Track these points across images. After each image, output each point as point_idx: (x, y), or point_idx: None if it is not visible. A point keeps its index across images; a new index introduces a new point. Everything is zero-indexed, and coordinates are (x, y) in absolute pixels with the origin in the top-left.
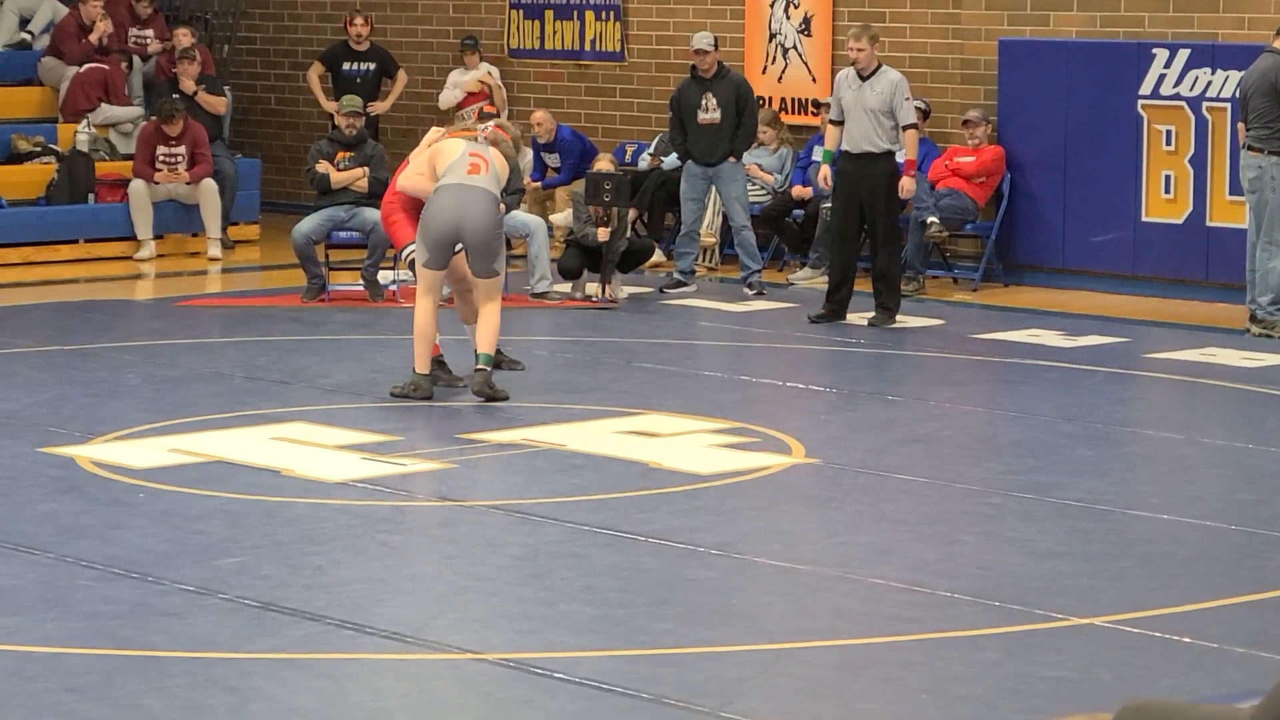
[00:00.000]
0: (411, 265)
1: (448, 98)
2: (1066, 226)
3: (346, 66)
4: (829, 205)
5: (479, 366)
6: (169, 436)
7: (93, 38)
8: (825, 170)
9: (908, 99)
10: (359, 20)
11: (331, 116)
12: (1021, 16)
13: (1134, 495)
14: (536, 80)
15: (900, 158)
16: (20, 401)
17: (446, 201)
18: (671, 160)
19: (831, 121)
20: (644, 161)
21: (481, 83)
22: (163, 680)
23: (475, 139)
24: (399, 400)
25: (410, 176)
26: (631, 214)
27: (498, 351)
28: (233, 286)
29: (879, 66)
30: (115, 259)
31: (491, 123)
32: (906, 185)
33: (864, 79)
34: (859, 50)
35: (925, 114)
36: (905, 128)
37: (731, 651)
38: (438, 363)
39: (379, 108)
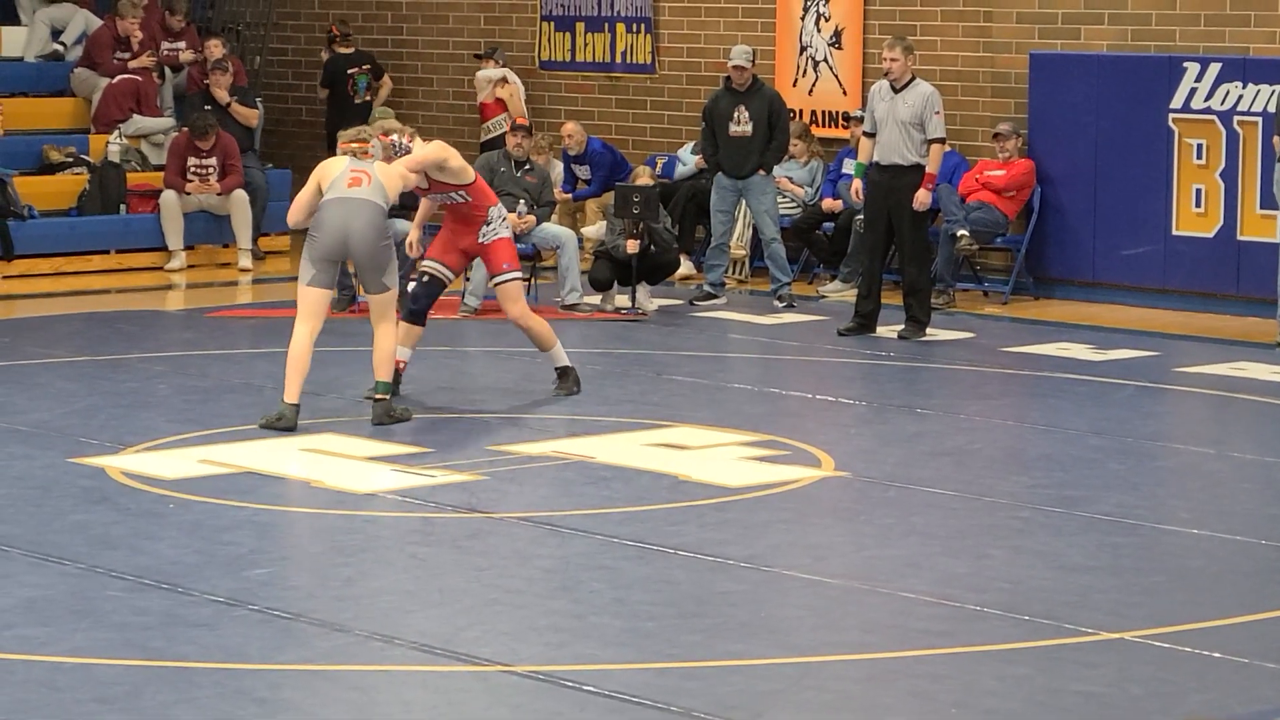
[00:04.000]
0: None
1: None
2: (1097, 240)
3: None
4: (863, 218)
5: (377, 395)
6: (199, 447)
7: (133, 65)
8: (857, 184)
9: (938, 112)
10: (334, 30)
11: (326, 128)
12: (1052, 30)
13: (1164, 509)
14: (567, 92)
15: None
16: (51, 412)
17: (330, 215)
18: None
19: (865, 134)
20: (691, 162)
21: (502, 84)
22: (192, 691)
23: (361, 154)
24: (267, 431)
25: (296, 202)
26: (632, 245)
27: (392, 404)
28: (263, 298)
29: (912, 78)
30: (146, 270)
31: (382, 134)
32: (921, 198)
33: (896, 91)
34: (893, 61)
35: None
36: (931, 141)
37: (760, 665)
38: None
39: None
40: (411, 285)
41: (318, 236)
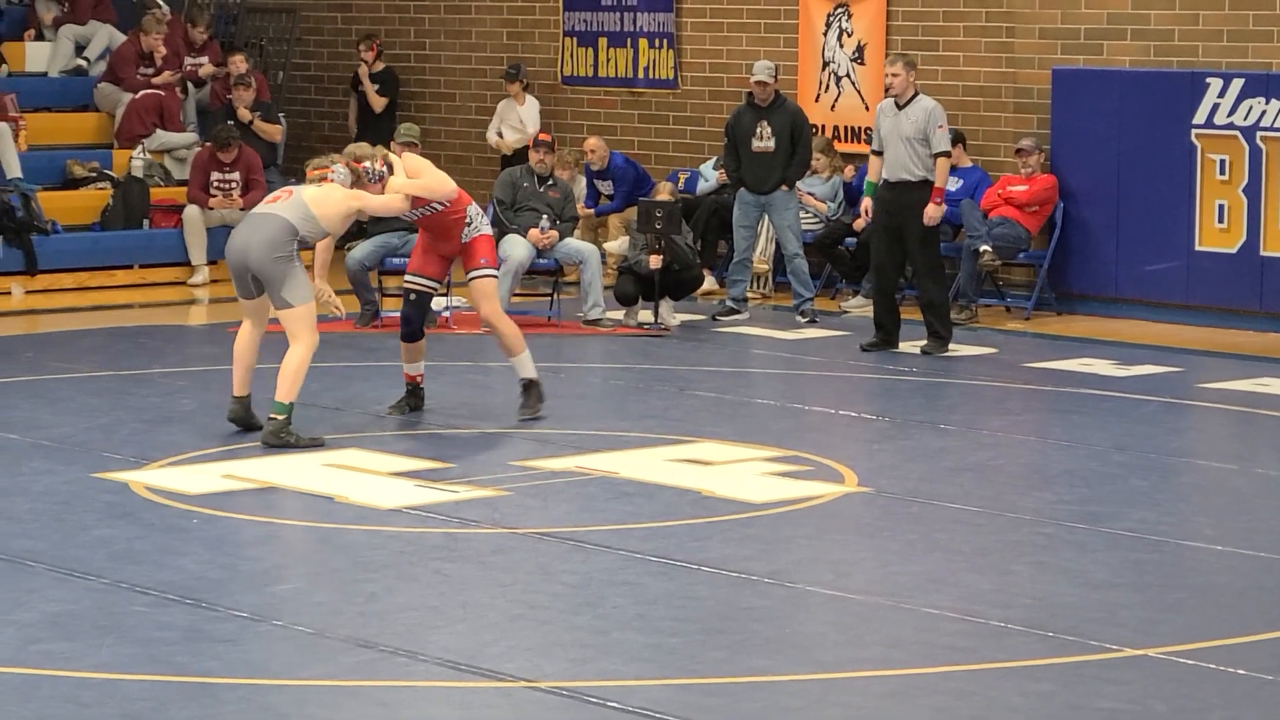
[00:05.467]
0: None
1: (494, 139)
2: (1119, 255)
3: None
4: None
5: (271, 414)
6: (222, 462)
7: (156, 81)
8: (867, 202)
9: (941, 126)
10: (361, 47)
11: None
12: (1075, 45)
13: (1188, 526)
14: (590, 107)
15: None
16: (74, 427)
17: (237, 230)
18: None
19: (873, 152)
20: (712, 177)
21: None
22: (217, 706)
23: (320, 180)
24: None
25: None
26: (655, 261)
27: (286, 425)
28: None
29: (915, 94)
30: (169, 284)
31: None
32: (931, 213)
33: (900, 107)
34: (894, 76)
35: (954, 143)
36: (936, 155)
37: (784, 681)
38: (411, 391)
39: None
40: (401, 308)
41: (227, 251)
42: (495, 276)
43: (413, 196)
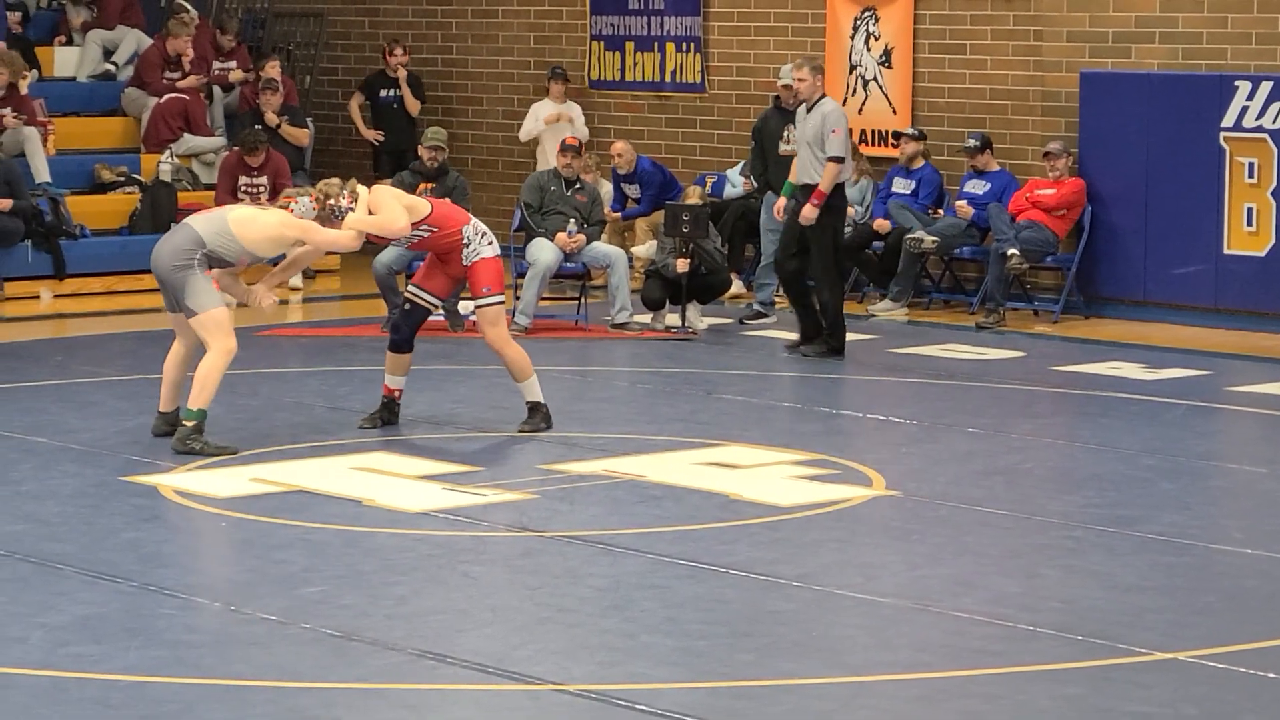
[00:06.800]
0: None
1: (529, 129)
2: (1148, 259)
3: (383, 94)
4: (913, 237)
5: (183, 420)
6: (250, 466)
7: (182, 85)
8: (781, 202)
9: (834, 131)
10: (398, 50)
11: (374, 145)
12: (1103, 49)
13: (1217, 529)
14: (617, 111)
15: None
16: (103, 430)
17: (159, 241)
18: None
19: (798, 154)
20: (739, 184)
21: (560, 117)
22: (245, 709)
23: (283, 208)
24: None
25: None
26: (682, 264)
27: (194, 432)
28: (314, 316)
29: (821, 97)
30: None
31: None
32: (806, 213)
33: (808, 111)
34: (800, 81)
35: (982, 147)
36: (829, 159)
37: (813, 684)
38: (386, 405)
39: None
40: (394, 316)
41: None
42: (499, 303)
43: (367, 233)
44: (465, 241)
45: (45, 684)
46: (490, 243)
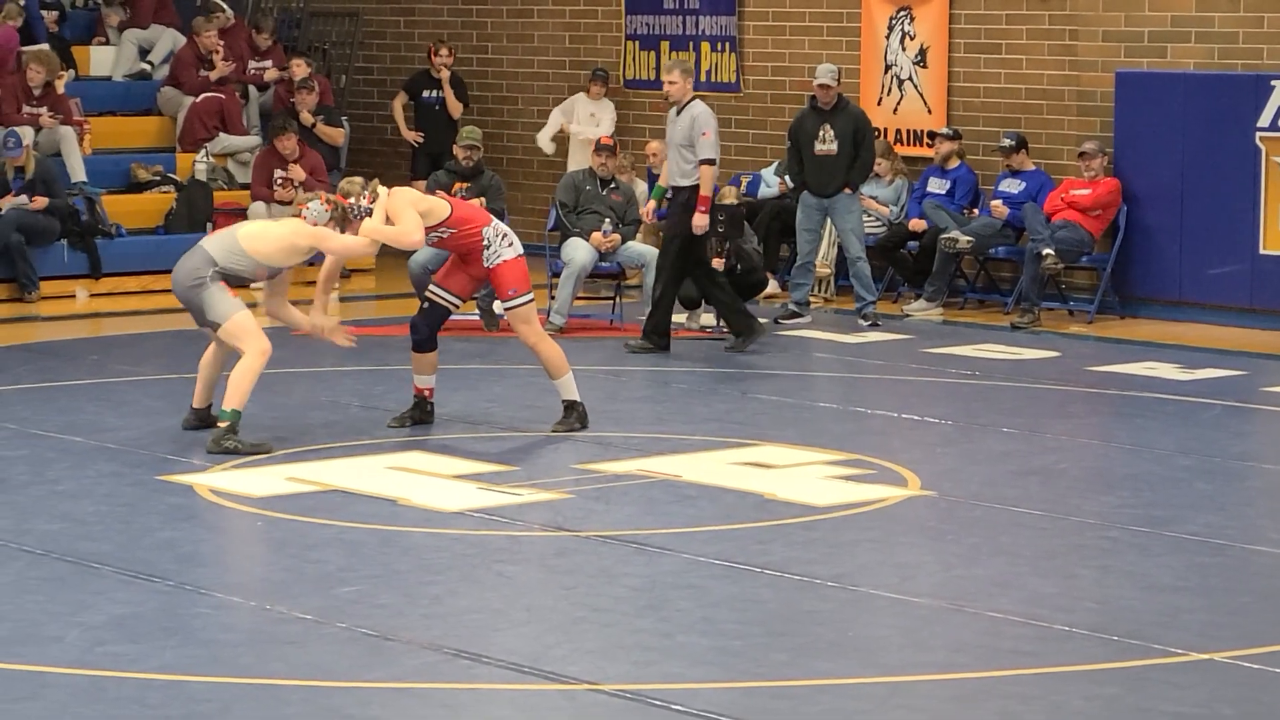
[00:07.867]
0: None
1: (545, 144)
2: (1183, 259)
3: (425, 94)
4: (948, 237)
5: (219, 422)
6: (286, 465)
7: (213, 76)
8: (651, 204)
9: (704, 134)
10: (444, 51)
11: (413, 146)
12: (1139, 49)
13: (1253, 530)
14: (652, 111)
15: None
16: (139, 430)
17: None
18: None
19: (667, 157)
20: (774, 184)
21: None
22: (281, 708)
23: (297, 214)
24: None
25: None
26: (718, 264)
27: (229, 432)
28: (349, 315)
29: (691, 99)
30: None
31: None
32: (697, 221)
33: (679, 114)
34: (670, 84)
35: (1017, 146)
36: (701, 162)
37: (848, 684)
38: (418, 404)
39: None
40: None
41: None
42: (529, 302)
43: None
44: (485, 243)
45: (83, 683)
46: (511, 244)
